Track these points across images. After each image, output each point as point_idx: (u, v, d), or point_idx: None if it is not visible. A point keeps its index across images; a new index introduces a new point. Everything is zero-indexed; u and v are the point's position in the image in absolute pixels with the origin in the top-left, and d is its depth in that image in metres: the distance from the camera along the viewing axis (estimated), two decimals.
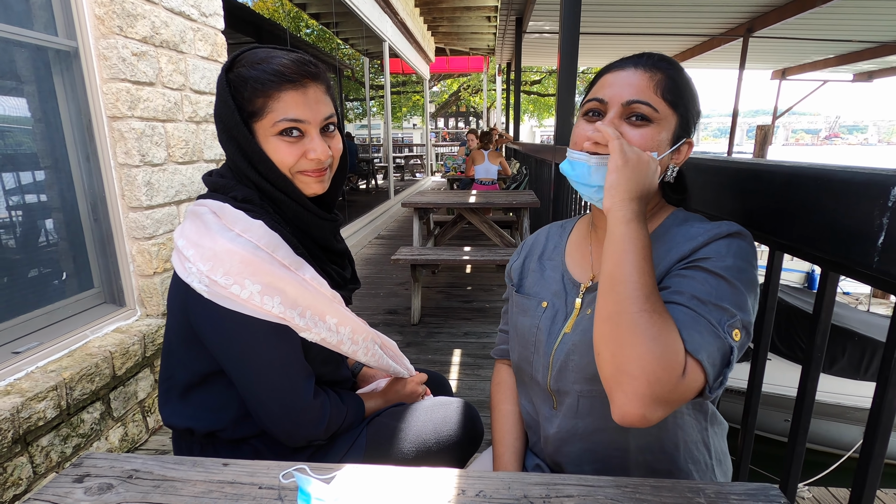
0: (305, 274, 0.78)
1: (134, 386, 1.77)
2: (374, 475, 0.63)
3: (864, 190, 0.54)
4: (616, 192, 0.61)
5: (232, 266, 0.70)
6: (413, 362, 2.71)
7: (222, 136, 0.78)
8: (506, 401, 0.91)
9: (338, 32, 8.18)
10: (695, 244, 0.63)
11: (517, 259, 0.92)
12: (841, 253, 0.57)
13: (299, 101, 0.75)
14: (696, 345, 0.56)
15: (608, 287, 0.60)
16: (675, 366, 0.54)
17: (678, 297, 0.61)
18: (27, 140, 1.60)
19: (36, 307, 1.57)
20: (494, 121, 16.88)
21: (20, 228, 1.61)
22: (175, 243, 0.77)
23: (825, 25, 6.38)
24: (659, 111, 0.66)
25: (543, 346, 0.77)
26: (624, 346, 0.56)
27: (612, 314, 0.58)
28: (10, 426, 1.27)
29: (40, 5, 1.57)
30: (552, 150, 3.05)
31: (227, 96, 0.74)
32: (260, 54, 0.76)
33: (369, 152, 11.75)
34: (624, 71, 0.69)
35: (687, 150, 0.71)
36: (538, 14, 5.95)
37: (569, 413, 0.74)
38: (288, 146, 0.76)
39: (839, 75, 9.70)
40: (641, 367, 0.54)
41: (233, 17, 5.78)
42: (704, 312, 0.58)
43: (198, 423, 0.81)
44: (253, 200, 0.77)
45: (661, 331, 0.55)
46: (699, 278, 0.61)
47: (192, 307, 0.74)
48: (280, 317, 0.74)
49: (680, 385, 0.55)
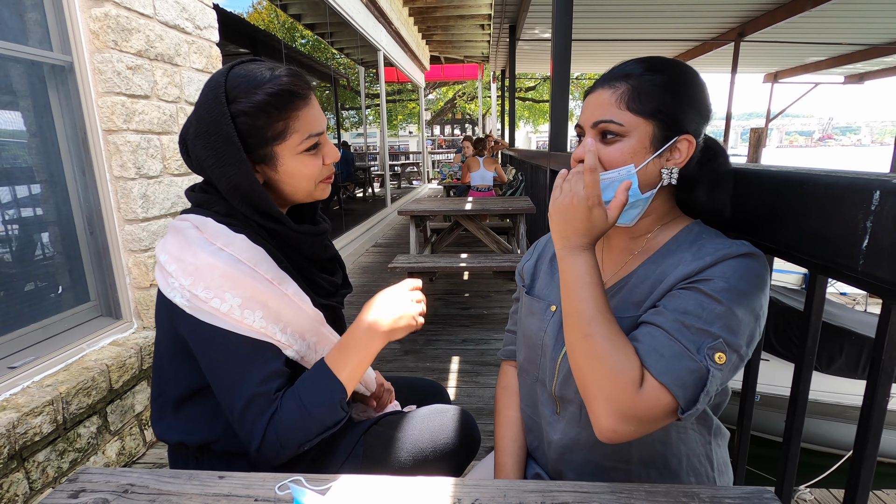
0: (288, 289, 0.78)
1: (131, 399, 1.76)
2: (370, 485, 0.63)
3: (847, 195, 0.55)
4: (553, 235, 0.68)
5: (213, 280, 0.70)
6: (411, 370, 2.70)
7: (214, 171, 0.75)
8: (510, 406, 0.91)
9: (333, 42, 8.23)
10: (701, 264, 0.63)
11: (529, 259, 0.92)
12: (828, 256, 0.58)
13: (315, 115, 0.78)
14: (661, 368, 0.59)
15: (564, 320, 0.66)
16: (627, 383, 0.58)
17: (660, 319, 0.62)
18: (23, 154, 1.60)
19: (32, 321, 1.57)
20: (490, 127, 16.97)
21: (16, 242, 1.61)
22: (157, 259, 0.76)
23: (816, 29, 6.45)
24: (624, 124, 0.67)
25: (550, 350, 0.77)
26: (582, 370, 0.62)
27: (570, 343, 0.65)
28: (5, 442, 1.26)
29: (35, 21, 1.58)
30: (547, 156, 3.07)
31: (230, 132, 0.72)
32: (255, 77, 0.74)
33: (366, 161, 11.79)
34: (594, 92, 0.71)
35: (687, 147, 0.68)
36: (531, 21, 6.00)
37: (572, 421, 0.75)
38: (313, 159, 0.79)
39: (831, 77, 9.80)
40: (597, 386, 0.60)
41: (227, 29, 5.81)
42: (681, 336, 0.60)
43: (190, 436, 0.80)
44: (235, 215, 0.77)
45: (607, 352, 0.60)
46: (692, 299, 0.61)
47: (177, 322, 0.74)
48: (262, 332, 0.73)
49: (640, 402, 0.58)
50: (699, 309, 0.60)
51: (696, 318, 0.60)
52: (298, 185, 0.80)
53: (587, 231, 0.65)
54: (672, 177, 0.69)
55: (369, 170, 10.57)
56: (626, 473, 0.73)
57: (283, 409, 0.70)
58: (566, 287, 0.65)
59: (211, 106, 0.73)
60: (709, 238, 0.69)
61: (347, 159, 9.87)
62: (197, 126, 0.75)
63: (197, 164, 0.78)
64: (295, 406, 0.71)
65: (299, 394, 0.72)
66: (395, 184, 12.67)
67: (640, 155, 0.68)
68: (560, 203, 0.66)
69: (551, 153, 2.89)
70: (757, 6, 5.64)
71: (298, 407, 0.71)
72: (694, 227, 0.72)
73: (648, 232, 0.74)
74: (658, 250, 0.72)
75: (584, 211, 0.65)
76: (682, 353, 0.59)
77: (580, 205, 0.65)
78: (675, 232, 0.73)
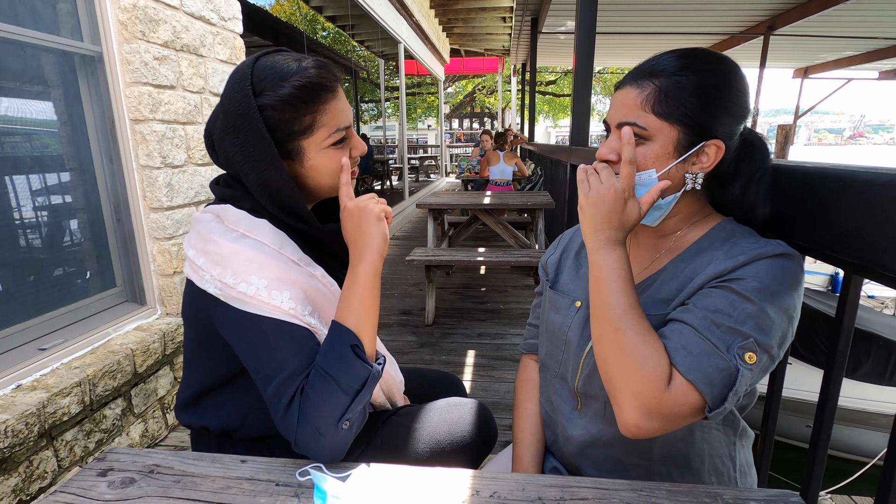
0: (315, 271, 0.77)
1: (154, 383, 1.80)
2: (389, 474, 0.64)
3: (888, 191, 0.53)
4: (584, 228, 0.67)
5: (238, 265, 0.70)
6: (427, 363, 2.71)
7: (244, 167, 0.74)
8: (530, 400, 0.91)
9: (353, 35, 8.25)
10: (734, 263, 0.61)
11: (553, 252, 0.91)
12: (864, 256, 0.56)
13: (342, 108, 0.76)
14: (689, 365, 0.58)
15: (592, 312, 0.65)
16: (654, 378, 0.58)
17: (689, 317, 0.61)
18: (53, 143, 1.65)
19: (61, 305, 1.62)
20: (509, 121, 16.84)
21: (46, 229, 1.66)
22: (186, 254, 0.76)
23: (849, 22, 6.23)
24: (647, 128, 0.65)
25: (574, 346, 0.76)
26: (609, 363, 0.62)
27: (598, 336, 0.64)
28: (36, 420, 1.31)
29: (67, 12, 1.61)
30: (567, 150, 3.03)
31: (260, 127, 0.71)
32: (281, 69, 0.72)
33: (384, 153, 11.82)
34: (621, 89, 0.69)
35: (715, 152, 0.65)
36: (554, 14, 5.91)
37: (595, 417, 0.74)
38: (339, 152, 0.77)
39: (864, 73, 9.45)
40: (624, 381, 0.60)
41: (251, 21, 5.87)
42: (710, 334, 0.59)
43: (213, 421, 0.81)
44: (259, 210, 0.76)
45: (637, 346, 0.59)
46: (724, 298, 0.60)
47: (213, 312, 0.73)
48: (291, 313, 0.71)
49: (666, 398, 0.57)
50: (730, 308, 0.59)
51: (727, 316, 0.59)
52: (324, 180, 0.79)
53: (621, 224, 0.64)
54: (696, 182, 0.67)
55: (388, 163, 10.60)
56: (647, 471, 0.73)
57: (309, 385, 0.66)
58: (597, 280, 0.64)
59: (238, 99, 0.71)
60: (742, 237, 0.67)
61: (366, 152, 9.90)
62: (224, 120, 0.74)
63: (224, 160, 0.77)
64: (317, 376, 0.66)
65: (319, 363, 0.68)
66: (413, 177, 12.69)
67: (663, 160, 0.66)
68: (595, 195, 0.65)
69: (572, 148, 2.85)
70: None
71: (320, 376, 0.66)
72: (726, 225, 0.70)
73: (677, 231, 0.73)
74: (688, 248, 0.70)
75: (620, 203, 0.64)
76: (711, 350, 0.58)
77: (617, 196, 0.63)
78: (706, 230, 0.71)
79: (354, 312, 0.71)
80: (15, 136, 1.53)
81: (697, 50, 0.67)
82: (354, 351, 0.68)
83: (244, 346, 0.71)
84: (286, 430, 0.66)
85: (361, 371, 0.68)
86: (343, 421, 0.65)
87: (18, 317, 1.48)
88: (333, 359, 0.68)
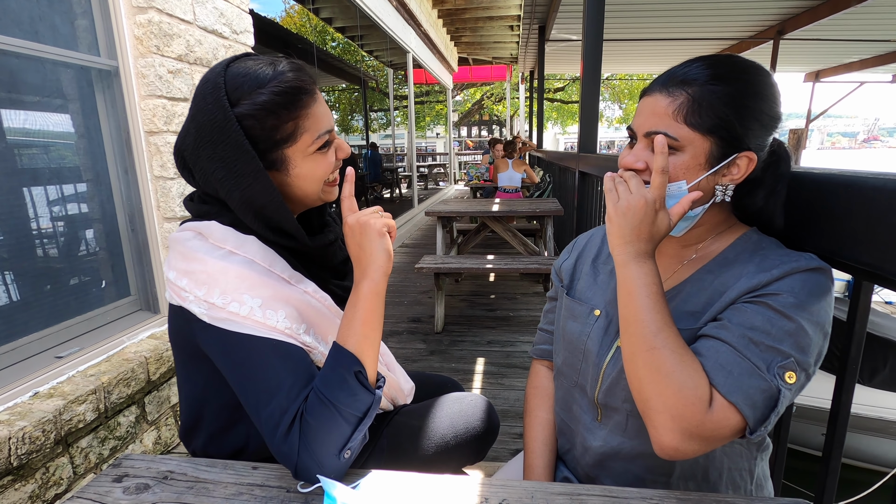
0: (307, 287, 0.75)
1: (167, 391, 1.83)
2: (399, 481, 0.64)
3: (895, 197, 0.52)
4: (612, 239, 0.64)
5: (227, 284, 0.66)
6: (436, 371, 2.71)
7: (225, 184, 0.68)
8: (541, 407, 0.90)
9: (362, 45, 8.34)
10: (768, 277, 0.60)
11: (568, 258, 0.89)
12: (873, 262, 0.56)
13: (323, 111, 0.72)
14: (730, 386, 0.56)
15: (623, 328, 0.63)
16: (694, 401, 0.56)
17: (725, 334, 0.59)
18: (70, 154, 1.69)
19: (77, 314, 1.65)
20: (518, 129, 16.87)
21: (63, 239, 1.69)
22: (166, 277, 0.71)
23: (861, 25, 6.17)
24: (679, 139, 0.63)
25: (594, 356, 0.75)
26: (644, 382, 0.59)
27: (630, 354, 0.61)
28: (52, 427, 1.33)
29: (85, 28, 1.66)
30: (576, 157, 3.03)
31: (240, 139, 0.65)
32: (257, 75, 0.68)
33: (394, 161, 11.89)
34: (650, 96, 0.66)
35: (747, 164, 0.64)
36: (561, 22, 5.94)
37: (616, 430, 0.73)
38: (324, 157, 0.74)
39: (877, 76, 9.35)
40: (663, 402, 0.57)
41: (262, 33, 5.96)
42: (750, 353, 0.57)
43: (218, 445, 0.79)
44: (241, 225, 0.72)
45: (675, 367, 0.57)
46: (760, 315, 0.58)
47: (198, 334, 0.68)
48: (286, 333, 0.67)
49: (707, 421, 0.56)
50: (768, 325, 0.57)
51: (765, 334, 0.57)
52: (311, 188, 0.74)
53: (651, 236, 0.62)
54: (726, 194, 0.66)
55: (397, 171, 10.66)
56: (665, 486, 0.72)
57: (308, 412, 0.62)
58: (629, 295, 0.62)
59: (212, 111, 0.65)
60: (770, 248, 0.65)
61: (375, 160, 9.99)
62: (198, 135, 0.67)
63: (202, 178, 0.71)
64: (317, 402, 0.63)
65: (318, 387, 0.64)
66: (422, 185, 12.74)
67: (694, 171, 0.64)
68: (625, 204, 0.62)
69: (580, 154, 2.85)
70: (798, 3, 5.44)
71: (321, 402, 0.62)
72: (752, 236, 0.69)
73: (701, 241, 0.72)
74: (714, 259, 0.69)
75: (651, 214, 0.61)
76: (752, 371, 0.57)
77: (648, 207, 0.61)
78: (732, 240, 0.69)
79: (356, 334, 0.67)
80: (34, 148, 1.57)
81: (731, 57, 0.65)
82: (357, 377, 0.65)
83: (235, 368, 0.66)
84: (285, 458, 0.62)
85: (364, 398, 0.65)
86: (345, 451, 0.63)
87: (36, 325, 1.51)
88: (335, 384, 0.64)
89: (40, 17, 1.52)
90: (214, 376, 0.72)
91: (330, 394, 0.63)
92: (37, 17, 1.51)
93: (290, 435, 0.61)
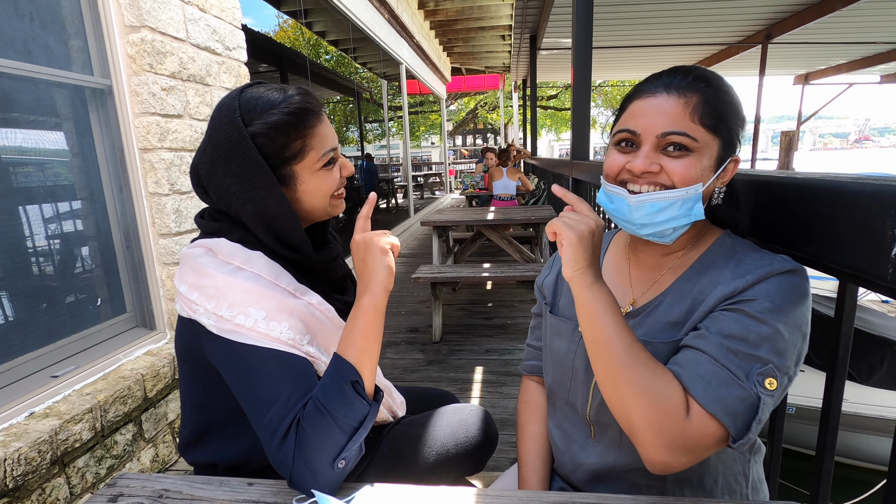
0: (312, 299, 0.78)
1: (164, 407, 1.82)
2: (394, 494, 0.64)
3: (875, 202, 0.53)
4: (573, 264, 0.63)
5: (235, 297, 0.70)
6: (435, 380, 2.69)
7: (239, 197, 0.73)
8: (533, 421, 0.90)
9: (356, 57, 8.40)
10: (743, 283, 0.60)
11: (549, 274, 0.89)
12: (856, 265, 0.57)
13: (328, 131, 0.79)
14: (708, 396, 0.57)
15: (593, 349, 0.63)
16: (671, 411, 0.57)
17: (703, 344, 0.60)
18: (65, 172, 1.69)
19: (73, 332, 1.65)
20: (512, 137, 16.97)
21: (59, 257, 1.69)
22: (177, 290, 0.75)
23: (847, 28, 6.27)
24: (698, 139, 0.62)
25: (582, 373, 0.75)
26: (622, 401, 0.59)
27: (605, 374, 0.61)
28: (48, 448, 1.32)
29: (78, 48, 1.67)
30: (569, 164, 3.05)
31: (254, 155, 0.72)
32: (264, 98, 0.74)
33: (389, 172, 11.93)
34: (655, 97, 0.65)
35: (733, 167, 0.67)
36: (552, 30, 6.01)
37: (611, 446, 0.73)
38: (330, 174, 0.79)
39: (865, 77, 9.47)
40: (642, 418, 0.58)
41: (255, 48, 6.00)
42: (728, 362, 0.57)
43: (219, 456, 0.80)
44: (250, 241, 0.76)
45: (650, 381, 0.58)
46: (737, 322, 0.59)
47: (206, 346, 0.72)
48: (290, 343, 0.71)
49: (687, 431, 0.56)
50: (745, 332, 0.58)
51: (742, 341, 0.58)
52: (317, 202, 0.80)
53: (597, 259, 0.65)
54: (719, 197, 0.67)
55: (392, 181, 10.69)
56: (660, 491, 0.72)
57: (305, 419, 0.65)
58: (594, 316, 0.62)
59: (227, 131, 0.72)
60: (745, 252, 0.66)
61: (371, 171, 10.02)
62: (213, 153, 0.74)
63: (217, 194, 0.76)
64: (314, 409, 0.65)
65: (316, 395, 0.67)
66: (417, 194, 12.78)
67: (707, 173, 0.64)
68: (584, 229, 0.63)
69: (573, 162, 2.88)
70: (785, 8, 5.52)
71: (318, 409, 0.65)
72: (726, 240, 0.70)
73: (682, 248, 0.72)
74: (691, 266, 0.69)
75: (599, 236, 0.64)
76: (730, 380, 0.57)
77: (599, 229, 0.64)
78: (707, 245, 0.70)
79: (355, 345, 0.70)
80: (29, 166, 1.58)
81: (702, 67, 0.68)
82: (354, 387, 0.67)
83: (239, 377, 0.70)
84: (280, 465, 0.64)
85: (360, 408, 0.67)
86: (339, 460, 0.64)
87: (32, 345, 1.51)
88: (332, 393, 0.66)
89: (34, 39, 1.54)
90: (218, 387, 0.74)
91: (327, 402, 0.65)
92: (30, 38, 1.53)
93: (286, 441, 0.64)
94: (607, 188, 0.69)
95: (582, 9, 2.59)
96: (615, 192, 0.68)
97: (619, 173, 0.68)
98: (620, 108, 0.71)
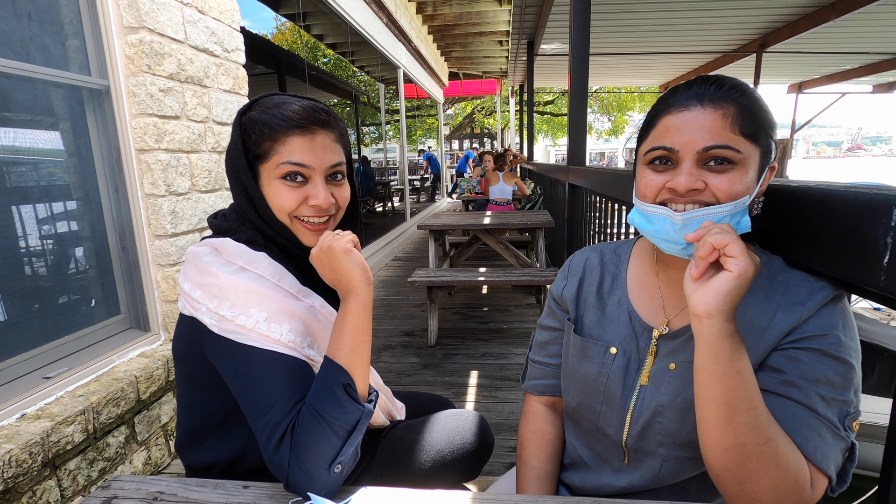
0: (314, 302, 0.78)
1: (157, 410, 1.80)
2: (390, 497, 0.64)
3: (867, 210, 0.54)
4: (729, 301, 0.53)
5: (237, 298, 0.70)
6: (430, 385, 2.69)
7: (231, 176, 0.79)
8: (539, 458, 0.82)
9: (353, 61, 8.41)
10: (802, 312, 0.58)
11: (566, 284, 0.81)
12: (849, 273, 0.58)
13: (305, 147, 0.74)
14: (822, 455, 0.55)
15: (725, 415, 0.54)
16: (803, 484, 0.54)
17: (799, 395, 0.57)
18: (61, 172, 1.69)
19: (66, 333, 1.63)
20: (509, 141, 17.02)
21: (53, 257, 1.68)
22: (181, 287, 0.75)
23: (840, 38, 6.35)
24: (742, 151, 0.59)
25: (618, 399, 0.71)
26: (753, 476, 0.54)
27: (736, 445, 0.54)
28: (40, 450, 1.31)
29: (76, 48, 1.67)
30: (565, 170, 3.07)
31: (237, 139, 0.76)
32: (275, 100, 0.77)
33: (385, 175, 11.92)
34: (689, 111, 0.60)
35: (769, 175, 0.63)
36: (549, 36, 6.05)
37: (647, 473, 0.70)
38: (289, 190, 0.75)
39: (858, 87, 9.58)
40: (774, 496, 0.54)
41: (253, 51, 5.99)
42: (829, 414, 0.56)
43: (215, 456, 0.80)
44: (256, 241, 0.77)
45: (788, 456, 0.54)
46: (820, 365, 0.56)
47: (206, 345, 0.72)
48: (290, 346, 0.71)
49: (808, 499, 0.55)
50: (831, 375, 0.56)
51: (831, 387, 0.56)
52: (278, 215, 0.77)
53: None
54: (758, 207, 0.65)
55: (389, 184, 10.69)
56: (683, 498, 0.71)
57: (300, 424, 0.65)
58: (737, 376, 0.54)
59: (235, 117, 0.79)
60: (786, 272, 0.64)
61: (367, 174, 10.02)
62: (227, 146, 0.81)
63: (231, 186, 0.82)
64: (308, 415, 0.65)
65: (309, 400, 0.66)
66: (414, 198, 12.77)
67: (752, 185, 0.61)
68: (751, 271, 0.53)
69: (569, 167, 2.89)
70: (779, 17, 5.59)
71: (311, 415, 0.64)
72: (762, 256, 0.67)
73: None
74: None
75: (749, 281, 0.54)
76: (835, 434, 0.56)
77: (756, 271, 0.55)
78: None
79: (345, 347, 0.69)
80: (24, 166, 1.57)
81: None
82: (346, 390, 0.67)
83: (238, 378, 0.69)
84: (277, 469, 0.64)
85: (353, 411, 0.66)
86: (335, 465, 0.64)
87: (24, 346, 1.50)
88: (325, 397, 0.66)
89: (31, 38, 1.54)
90: (215, 387, 0.75)
91: (320, 407, 0.65)
92: (28, 38, 1.52)
93: (282, 447, 0.64)
94: (646, 209, 0.64)
95: (579, 16, 2.61)
96: (658, 212, 0.62)
97: (658, 193, 0.63)
98: (646, 125, 0.66)
